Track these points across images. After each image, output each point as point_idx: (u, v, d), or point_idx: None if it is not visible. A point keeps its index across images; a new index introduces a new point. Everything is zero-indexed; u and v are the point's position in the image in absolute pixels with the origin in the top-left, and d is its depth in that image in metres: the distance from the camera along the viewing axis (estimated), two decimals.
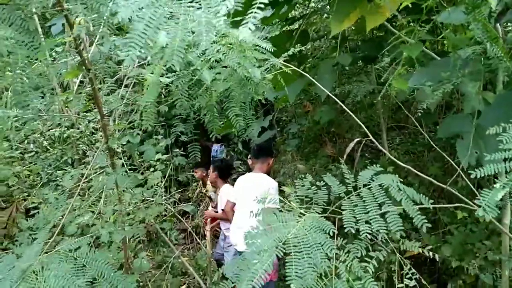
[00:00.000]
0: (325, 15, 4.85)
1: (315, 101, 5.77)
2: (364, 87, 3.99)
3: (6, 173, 3.50)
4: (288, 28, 4.88)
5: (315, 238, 1.49)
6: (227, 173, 4.94)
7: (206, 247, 5.05)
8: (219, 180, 4.83)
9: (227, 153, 7.87)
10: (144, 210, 3.65)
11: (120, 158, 3.89)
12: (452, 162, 2.15)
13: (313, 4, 4.69)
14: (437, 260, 2.25)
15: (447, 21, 2.56)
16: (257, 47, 1.84)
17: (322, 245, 1.48)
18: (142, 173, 4.54)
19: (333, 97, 2.38)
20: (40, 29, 3.56)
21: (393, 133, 5.92)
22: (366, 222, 1.58)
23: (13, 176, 3.61)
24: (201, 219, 6.55)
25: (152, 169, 5.58)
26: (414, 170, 2.13)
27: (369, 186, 1.70)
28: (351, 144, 2.18)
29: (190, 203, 6.93)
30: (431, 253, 1.93)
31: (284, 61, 2.14)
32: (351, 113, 2.25)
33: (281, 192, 3.53)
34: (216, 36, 1.54)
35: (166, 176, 6.13)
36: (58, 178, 3.81)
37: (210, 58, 1.81)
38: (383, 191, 1.67)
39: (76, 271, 1.81)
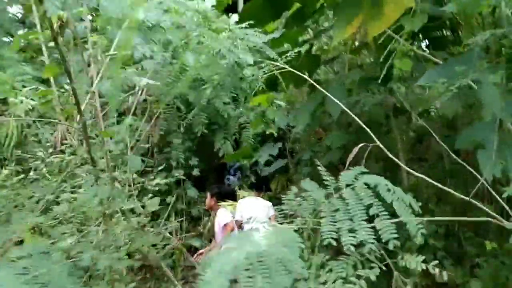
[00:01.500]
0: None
1: (328, 127, 5.55)
2: (372, 97, 3.76)
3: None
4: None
5: (277, 258, 1.16)
6: (228, 199, 4.80)
7: None
8: (216, 205, 4.68)
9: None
10: (140, 239, 3.43)
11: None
12: (478, 175, 1.86)
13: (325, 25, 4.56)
14: None
15: None
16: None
17: (285, 266, 1.13)
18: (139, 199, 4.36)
19: (347, 109, 2.17)
20: None
21: (413, 164, 5.61)
22: (350, 230, 1.25)
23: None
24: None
25: (150, 195, 5.38)
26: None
27: (353, 186, 1.36)
28: (355, 149, 1.93)
29: (202, 238, 6.65)
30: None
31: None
32: (366, 127, 2.01)
33: None
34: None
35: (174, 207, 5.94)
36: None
37: (193, 41, 1.63)
38: (370, 192, 1.33)
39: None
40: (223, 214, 4.52)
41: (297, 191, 1.52)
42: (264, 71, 2.25)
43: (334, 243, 1.24)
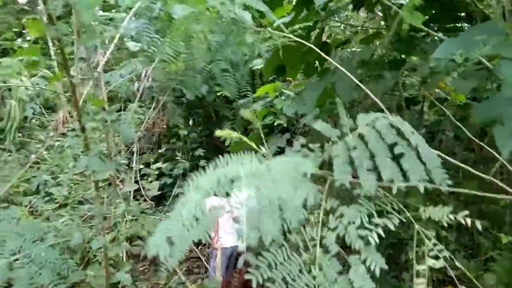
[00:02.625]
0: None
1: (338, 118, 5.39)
2: (382, 83, 3.57)
3: None
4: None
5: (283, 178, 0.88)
6: None
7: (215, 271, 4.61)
8: None
9: None
10: (139, 225, 3.33)
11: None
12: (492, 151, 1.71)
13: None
14: None
15: None
16: None
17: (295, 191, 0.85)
18: (136, 182, 4.28)
19: (362, 85, 2.01)
20: None
21: None
22: (370, 170, 0.99)
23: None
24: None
25: (150, 179, 5.29)
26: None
27: (374, 124, 1.10)
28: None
29: None
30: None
31: None
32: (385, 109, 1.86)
33: None
34: None
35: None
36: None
37: None
38: (394, 131, 1.05)
39: None
40: (214, 199, 4.43)
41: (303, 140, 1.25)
42: (269, 45, 2.11)
43: (348, 185, 1.00)
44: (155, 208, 4.67)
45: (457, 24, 4.18)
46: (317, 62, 3.94)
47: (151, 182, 4.07)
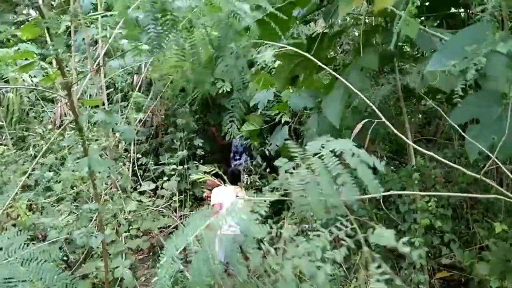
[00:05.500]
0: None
1: None
2: (380, 90, 3.61)
3: None
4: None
5: None
6: (232, 180, 4.79)
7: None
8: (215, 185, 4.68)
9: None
10: (149, 221, 3.39)
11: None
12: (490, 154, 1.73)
13: None
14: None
15: None
16: None
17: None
18: (154, 182, 4.31)
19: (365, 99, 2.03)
20: None
21: (421, 146, 5.50)
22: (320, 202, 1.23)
23: None
24: None
25: (165, 178, 5.36)
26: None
27: (320, 155, 1.31)
28: (359, 126, 1.81)
29: None
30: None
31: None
32: (379, 112, 1.89)
33: None
34: None
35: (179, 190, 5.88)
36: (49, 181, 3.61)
37: None
38: (336, 160, 1.27)
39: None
40: (214, 194, 4.53)
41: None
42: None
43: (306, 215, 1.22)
44: (154, 199, 4.71)
45: (454, 11, 4.18)
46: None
47: (168, 180, 4.15)
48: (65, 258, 2.90)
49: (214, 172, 4.80)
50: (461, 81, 1.70)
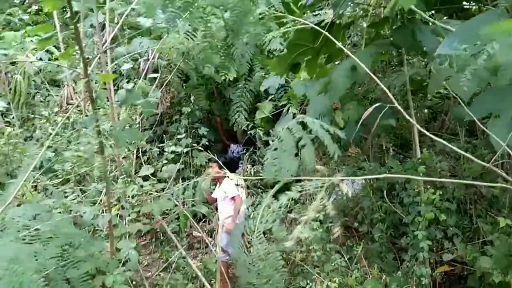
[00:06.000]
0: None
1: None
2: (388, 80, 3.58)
3: None
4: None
5: None
6: (233, 168, 4.81)
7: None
8: (219, 174, 4.66)
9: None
10: (150, 204, 3.39)
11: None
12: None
13: None
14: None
15: None
16: None
17: None
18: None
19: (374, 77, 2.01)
20: None
21: (427, 140, 5.48)
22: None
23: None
24: (217, 223, 6.23)
25: (165, 161, 5.36)
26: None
27: (289, 127, 1.46)
28: (370, 109, 1.79)
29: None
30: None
31: None
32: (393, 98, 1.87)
33: None
34: None
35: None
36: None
37: None
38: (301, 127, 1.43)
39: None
40: (230, 185, 4.49)
41: None
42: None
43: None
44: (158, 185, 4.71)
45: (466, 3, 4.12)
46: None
47: (166, 164, 4.16)
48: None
49: (214, 160, 4.82)
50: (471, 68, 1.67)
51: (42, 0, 2.10)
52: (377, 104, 1.84)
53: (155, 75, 5.83)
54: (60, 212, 2.65)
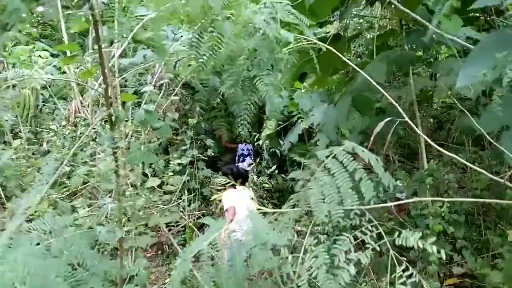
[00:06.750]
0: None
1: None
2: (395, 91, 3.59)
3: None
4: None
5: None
6: (242, 179, 4.74)
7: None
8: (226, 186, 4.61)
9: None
10: (157, 216, 3.39)
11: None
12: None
13: None
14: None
15: None
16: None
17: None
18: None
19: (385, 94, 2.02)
20: None
21: (433, 150, 5.46)
22: (340, 203, 1.22)
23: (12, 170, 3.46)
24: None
25: (171, 173, 5.36)
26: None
27: (334, 155, 1.31)
28: (381, 124, 1.79)
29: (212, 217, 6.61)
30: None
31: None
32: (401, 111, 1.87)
33: None
34: None
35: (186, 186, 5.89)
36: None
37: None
38: (350, 156, 1.28)
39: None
40: (226, 198, 4.43)
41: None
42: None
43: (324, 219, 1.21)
44: (165, 198, 4.70)
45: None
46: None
47: (172, 175, 4.15)
48: None
49: (226, 182, 4.80)
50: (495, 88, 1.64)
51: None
52: (388, 119, 1.83)
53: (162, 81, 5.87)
54: (71, 226, 2.66)
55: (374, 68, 3.39)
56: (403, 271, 1.38)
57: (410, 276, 1.35)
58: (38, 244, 1.76)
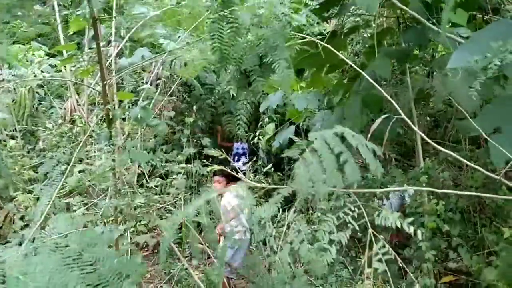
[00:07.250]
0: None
1: None
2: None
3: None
4: None
5: None
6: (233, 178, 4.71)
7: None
8: (222, 186, 4.56)
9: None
10: (157, 218, 3.39)
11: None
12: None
13: None
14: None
15: None
16: None
17: None
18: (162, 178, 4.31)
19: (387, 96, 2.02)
20: None
21: (429, 149, 5.47)
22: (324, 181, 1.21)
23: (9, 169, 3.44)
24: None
25: (174, 176, 5.36)
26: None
27: (323, 136, 1.31)
28: (378, 120, 1.78)
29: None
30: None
31: None
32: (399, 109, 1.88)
33: None
34: None
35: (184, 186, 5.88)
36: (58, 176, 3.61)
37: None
38: (339, 140, 1.28)
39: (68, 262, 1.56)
40: (227, 198, 4.40)
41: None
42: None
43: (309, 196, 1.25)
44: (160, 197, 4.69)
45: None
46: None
47: (174, 179, 4.15)
48: None
49: (219, 169, 4.78)
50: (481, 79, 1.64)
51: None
52: (384, 116, 1.83)
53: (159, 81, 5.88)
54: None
55: (379, 65, 3.39)
56: (398, 269, 1.39)
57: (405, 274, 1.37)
58: (56, 249, 1.74)
